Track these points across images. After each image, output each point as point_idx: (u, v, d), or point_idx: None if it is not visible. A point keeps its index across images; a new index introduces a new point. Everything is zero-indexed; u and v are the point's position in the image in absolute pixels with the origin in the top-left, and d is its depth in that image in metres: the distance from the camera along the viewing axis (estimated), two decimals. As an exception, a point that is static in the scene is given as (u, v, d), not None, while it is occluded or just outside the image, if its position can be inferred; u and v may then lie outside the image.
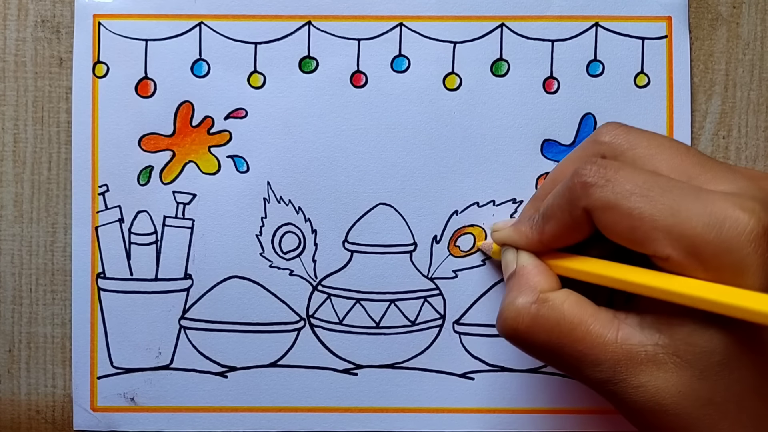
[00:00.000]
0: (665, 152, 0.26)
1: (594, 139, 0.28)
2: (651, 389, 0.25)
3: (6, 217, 0.35)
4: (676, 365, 0.24)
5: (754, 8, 0.35)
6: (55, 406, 0.35)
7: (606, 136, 0.27)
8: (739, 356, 0.24)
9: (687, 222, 0.23)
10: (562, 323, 0.27)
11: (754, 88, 0.35)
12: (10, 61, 0.35)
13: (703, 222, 0.23)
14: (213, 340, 0.35)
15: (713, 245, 0.23)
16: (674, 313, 0.25)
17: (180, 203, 0.35)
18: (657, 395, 0.25)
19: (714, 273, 0.23)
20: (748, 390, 0.24)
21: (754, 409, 0.24)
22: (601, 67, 0.35)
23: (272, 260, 0.35)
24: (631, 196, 0.24)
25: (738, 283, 0.23)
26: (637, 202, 0.24)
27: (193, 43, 0.35)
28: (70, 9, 0.35)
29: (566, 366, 0.27)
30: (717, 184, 0.25)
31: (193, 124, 0.35)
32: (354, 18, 0.35)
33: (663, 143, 0.27)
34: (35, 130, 0.35)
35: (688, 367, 0.24)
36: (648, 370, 0.25)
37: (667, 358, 0.25)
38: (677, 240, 0.23)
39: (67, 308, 0.35)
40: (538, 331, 0.27)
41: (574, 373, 0.27)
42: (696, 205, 0.23)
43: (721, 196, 0.24)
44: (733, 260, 0.23)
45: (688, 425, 0.24)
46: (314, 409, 0.35)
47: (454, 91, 0.35)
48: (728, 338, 0.24)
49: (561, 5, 0.35)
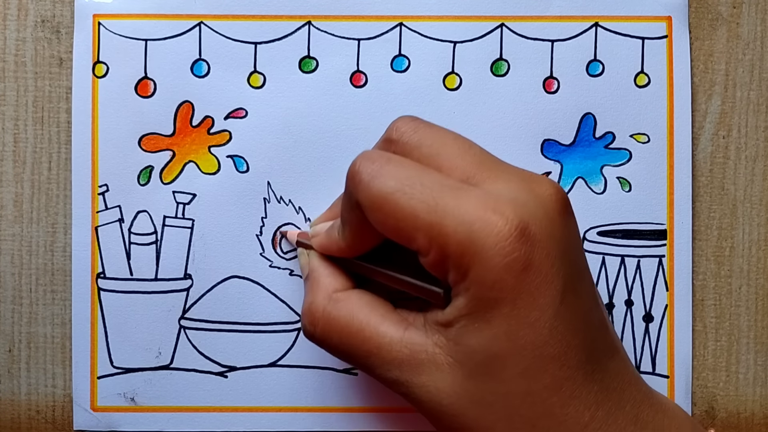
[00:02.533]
0: (448, 150, 0.26)
1: (386, 137, 0.28)
2: (432, 389, 0.25)
3: (6, 217, 0.35)
4: (450, 365, 0.25)
5: (754, 8, 0.35)
6: (55, 406, 0.35)
7: (395, 134, 0.27)
8: (502, 357, 0.24)
9: (442, 220, 0.23)
10: (352, 323, 0.27)
11: (754, 88, 0.35)
12: (10, 61, 0.35)
13: (457, 221, 0.23)
14: (213, 340, 0.35)
15: (462, 245, 0.23)
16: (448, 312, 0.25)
17: (180, 203, 0.35)
18: (437, 395, 0.25)
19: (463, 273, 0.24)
20: (516, 393, 0.24)
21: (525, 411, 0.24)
22: (601, 66, 0.35)
23: (272, 260, 0.35)
24: (394, 193, 0.24)
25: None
26: (399, 199, 0.24)
27: (193, 43, 0.35)
28: (70, 9, 0.35)
29: (361, 366, 0.27)
30: (491, 183, 0.25)
31: (193, 124, 0.35)
32: (354, 18, 0.35)
33: (447, 141, 0.26)
34: (35, 130, 0.35)
35: (459, 367, 0.24)
36: (428, 371, 0.25)
37: (443, 358, 0.25)
38: (434, 238, 0.24)
39: (67, 308, 0.35)
40: (332, 331, 0.27)
41: (370, 373, 0.27)
42: (453, 204, 0.24)
43: (478, 196, 0.24)
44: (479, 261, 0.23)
45: (467, 426, 0.25)
46: (314, 409, 0.35)
47: (454, 91, 0.35)
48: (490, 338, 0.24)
49: (561, 5, 0.35)
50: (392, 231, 0.25)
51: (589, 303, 0.25)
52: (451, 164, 0.26)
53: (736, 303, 0.35)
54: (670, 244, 0.35)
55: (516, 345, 0.24)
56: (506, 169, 0.26)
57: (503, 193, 0.24)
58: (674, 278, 0.35)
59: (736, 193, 0.35)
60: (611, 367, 0.25)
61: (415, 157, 0.26)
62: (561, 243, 0.24)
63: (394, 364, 0.26)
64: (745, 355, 0.35)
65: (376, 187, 0.25)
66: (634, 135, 0.35)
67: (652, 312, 0.35)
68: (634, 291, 0.35)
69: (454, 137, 0.27)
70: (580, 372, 0.24)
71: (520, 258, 0.23)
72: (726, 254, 0.35)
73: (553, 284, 0.24)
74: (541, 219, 0.24)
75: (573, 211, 0.26)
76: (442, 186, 0.24)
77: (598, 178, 0.35)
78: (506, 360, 0.24)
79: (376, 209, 0.25)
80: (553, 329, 0.24)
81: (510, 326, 0.23)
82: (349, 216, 0.27)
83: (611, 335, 0.26)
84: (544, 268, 0.23)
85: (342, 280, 0.29)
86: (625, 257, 0.35)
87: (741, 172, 0.35)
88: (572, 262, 0.25)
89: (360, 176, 0.25)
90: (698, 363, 0.35)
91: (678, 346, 0.35)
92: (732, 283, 0.35)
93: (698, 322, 0.35)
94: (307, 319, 0.28)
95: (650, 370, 0.35)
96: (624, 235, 0.35)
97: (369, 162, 0.25)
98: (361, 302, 0.27)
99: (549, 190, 0.25)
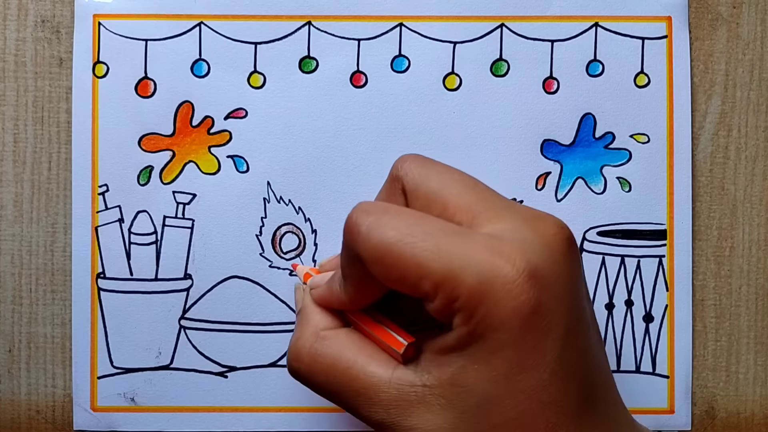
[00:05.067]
0: (453, 188, 0.26)
1: (392, 175, 0.28)
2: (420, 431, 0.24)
3: (6, 217, 0.35)
4: (441, 406, 0.24)
5: (754, 8, 0.35)
6: (55, 406, 0.35)
7: (401, 171, 0.27)
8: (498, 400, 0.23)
9: (449, 265, 0.23)
10: (338, 362, 0.26)
11: (754, 88, 0.35)
12: (10, 61, 0.35)
13: (464, 264, 0.23)
14: (213, 340, 0.35)
15: (471, 288, 0.23)
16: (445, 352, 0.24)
17: (180, 203, 0.35)
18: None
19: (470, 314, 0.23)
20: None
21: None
22: (600, 67, 0.35)
23: (272, 260, 0.35)
24: (396, 244, 0.24)
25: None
26: (402, 248, 0.24)
27: (193, 43, 0.35)
28: (70, 9, 0.35)
29: (346, 405, 0.27)
30: (495, 222, 0.25)
31: (193, 124, 0.35)
32: (354, 18, 0.35)
33: (452, 178, 0.26)
34: (35, 130, 0.35)
35: (450, 408, 0.24)
36: (418, 412, 0.24)
37: (434, 399, 0.24)
38: (440, 284, 0.23)
39: (67, 308, 0.35)
40: (317, 369, 0.27)
41: (354, 413, 0.27)
42: (459, 248, 0.23)
43: (484, 239, 0.24)
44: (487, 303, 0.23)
45: None
46: (314, 409, 0.35)
47: (454, 91, 0.35)
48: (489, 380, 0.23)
49: (561, 5, 0.35)
50: (397, 281, 0.24)
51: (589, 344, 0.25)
52: (457, 202, 0.26)
53: (736, 303, 0.35)
54: (670, 244, 0.35)
55: (514, 389, 0.23)
56: (510, 208, 0.26)
57: (508, 234, 0.24)
58: (674, 278, 0.35)
59: (736, 193, 0.35)
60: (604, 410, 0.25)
61: (422, 192, 0.26)
62: (566, 284, 0.24)
63: (382, 405, 0.25)
64: (745, 355, 0.35)
65: (376, 238, 0.24)
66: (634, 135, 0.35)
67: (652, 312, 0.35)
68: (634, 291, 0.35)
69: (459, 174, 0.27)
70: (574, 419, 0.23)
71: (529, 301, 0.23)
72: (726, 254, 0.35)
73: (558, 328, 0.23)
74: (547, 260, 0.23)
75: (577, 249, 0.25)
76: (444, 232, 0.24)
77: (598, 178, 0.35)
78: (502, 403, 0.23)
79: (378, 261, 0.24)
80: (552, 374, 0.23)
81: (510, 369, 0.23)
82: (350, 271, 0.26)
83: (607, 374, 0.26)
84: (550, 312, 0.23)
85: (332, 318, 0.28)
86: (625, 257, 0.35)
87: (741, 172, 0.35)
88: (577, 302, 0.24)
89: (358, 228, 0.25)
90: (698, 363, 0.35)
91: (678, 346, 0.35)
92: (732, 283, 0.35)
93: (698, 322, 0.35)
94: (293, 355, 0.28)
95: (650, 370, 0.35)
96: (624, 235, 0.35)
97: (365, 214, 0.25)
98: (350, 341, 0.27)
99: (553, 229, 0.25)
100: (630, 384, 0.35)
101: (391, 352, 0.26)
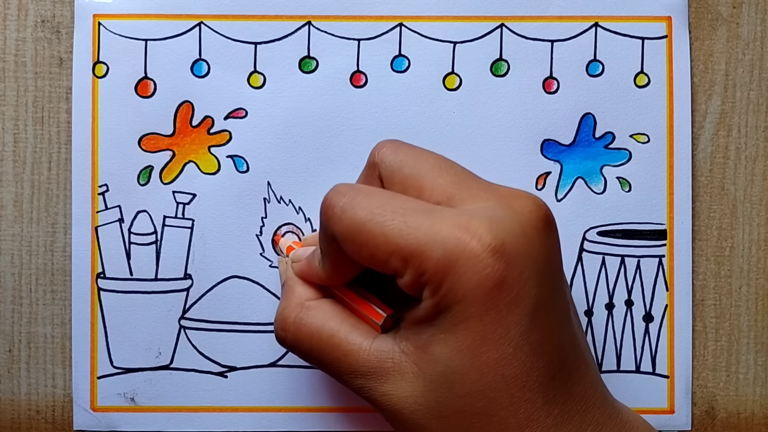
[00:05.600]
0: (429, 171, 0.27)
1: (369, 162, 0.28)
2: (394, 398, 0.25)
3: (6, 217, 0.35)
4: (414, 374, 0.25)
5: (754, 8, 0.35)
6: (55, 406, 0.35)
7: (377, 157, 0.28)
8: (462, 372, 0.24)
9: (416, 240, 0.24)
10: (322, 330, 0.27)
11: (754, 88, 0.35)
12: (10, 61, 0.35)
13: (430, 240, 0.23)
14: (213, 340, 0.35)
15: (437, 262, 0.23)
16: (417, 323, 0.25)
17: (180, 203, 0.35)
18: (399, 404, 0.25)
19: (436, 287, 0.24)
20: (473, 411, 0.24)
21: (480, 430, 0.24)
22: (600, 67, 0.35)
23: (272, 260, 0.35)
24: (366, 223, 0.25)
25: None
26: (372, 227, 0.24)
27: (193, 43, 0.35)
28: (70, 9, 0.35)
29: (330, 372, 0.28)
30: (470, 202, 0.25)
31: (193, 124, 0.35)
32: (354, 18, 0.35)
33: (428, 162, 0.27)
34: (35, 130, 0.35)
35: (421, 376, 0.25)
36: (393, 379, 0.25)
37: (408, 366, 0.25)
38: (408, 258, 0.24)
39: (67, 308, 0.35)
40: (302, 337, 0.28)
41: (338, 379, 0.27)
42: (426, 225, 0.24)
43: (452, 216, 0.24)
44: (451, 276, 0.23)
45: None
46: (314, 409, 0.35)
47: (454, 91, 0.35)
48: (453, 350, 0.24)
49: (561, 5, 0.35)
50: (368, 259, 0.25)
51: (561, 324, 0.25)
52: (432, 184, 0.26)
53: (736, 303, 0.35)
54: (670, 244, 0.35)
55: (477, 361, 0.24)
56: (486, 188, 0.26)
57: (479, 211, 0.24)
58: (674, 278, 0.35)
59: (736, 193, 0.35)
60: (576, 389, 0.25)
61: (398, 178, 0.27)
62: (537, 260, 0.24)
63: (361, 371, 0.26)
64: (745, 355, 0.35)
65: (349, 218, 0.25)
66: (634, 135, 0.35)
67: (652, 312, 0.35)
68: (634, 291, 0.35)
69: (435, 157, 0.27)
70: (540, 394, 0.24)
71: (492, 275, 0.23)
72: (726, 254, 0.35)
73: (524, 303, 0.24)
74: (517, 236, 0.24)
75: (555, 227, 0.26)
76: (413, 210, 0.25)
77: (598, 178, 0.35)
78: (466, 375, 0.24)
79: (351, 240, 0.25)
80: (517, 348, 0.23)
81: (474, 341, 0.23)
82: (326, 249, 0.27)
83: (582, 356, 0.26)
84: (516, 286, 0.23)
85: (315, 290, 0.29)
86: (625, 257, 0.35)
87: (741, 172, 0.35)
88: (548, 279, 0.24)
89: (333, 210, 0.26)
90: (698, 363, 0.35)
91: (678, 346, 0.35)
92: (732, 283, 0.35)
93: (698, 322, 0.35)
94: (279, 324, 0.29)
95: (650, 370, 0.35)
96: (624, 235, 0.35)
97: (340, 195, 0.26)
98: (333, 311, 0.28)
99: (528, 207, 0.25)
100: (630, 384, 0.35)
101: (371, 323, 0.27)
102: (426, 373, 0.24)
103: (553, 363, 0.24)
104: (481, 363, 0.24)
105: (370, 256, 0.25)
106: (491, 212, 0.24)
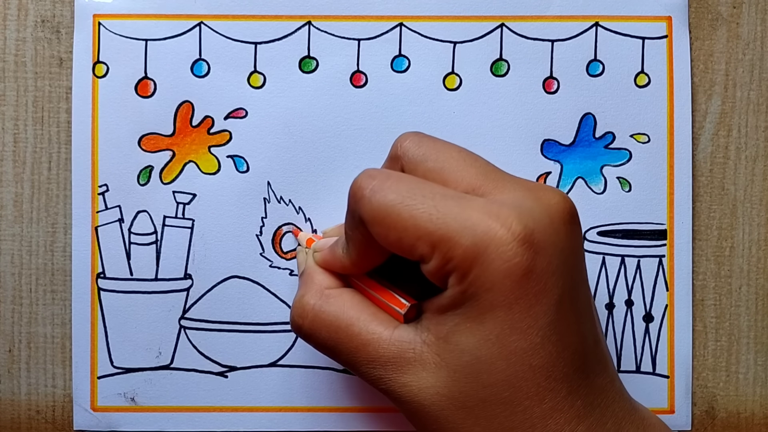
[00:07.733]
0: (453, 164, 0.26)
1: (391, 155, 0.28)
2: (414, 389, 0.25)
3: (6, 217, 0.35)
4: (436, 364, 0.25)
5: (754, 8, 0.35)
6: (55, 406, 0.35)
7: (399, 150, 0.28)
8: (489, 361, 0.24)
9: (446, 226, 0.24)
10: (341, 319, 0.27)
11: (754, 88, 0.35)
12: (10, 61, 0.35)
13: (460, 226, 0.23)
14: (213, 340, 0.35)
15: (466, 249, 0.23)
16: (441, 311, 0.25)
17: (180, 203, 0.35)
18: (419, 395, 0.25)
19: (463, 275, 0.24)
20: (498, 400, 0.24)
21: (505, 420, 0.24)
22: (601, 66, 0.35)
23: (272, 260, 0.35)
24: (395, 206, 0.24)
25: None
26: (401, 210, 0.24)
27: (193, 43, 0.35)
28: (70, 9, 0.35)
29: (346, 362, 0.27)
30: (497, 193, 0.25)
31: (193, 124, 0.35)
32: (354, 18, 0.35)
33: (451, 155, 0.27)
34: (35, 130, 0.35)
35: (444, 366, 0.24)
36: (413, 369, 0.25)
37: (430, 356, 0.25)
38: (436, 244, 0.24)
39: (67, 308, 0.35)
40: (320, 326, 0.28)
41: (354, 370, 0.27)
42: (456, 211, 0.24)
43: (482, 204, 0.24)
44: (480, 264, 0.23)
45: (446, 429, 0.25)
46: (314, 409, 0.35)
47: (454, 91, 0.35)
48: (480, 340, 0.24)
49: (561, 5, 0.35)
50: (395, 243, 0.25)
51: (584, 316, 0.25)
52: (456, 177, 0.26)
53: (736, 303, 0.35)
54: (670, 244, 0.35)
55: (505, 350, 0.23)
56: (512, 180, 0.26)
57: (508, 201, 0.24)
58: (674, 278, 0.35)
59: (736, 193, 0.35)
60: (597, 383, 0.25)
61: (421, 171, 0.27)
62: (564, 253, 0.24)
63: (380, 362, 0.26)
64: (745, 355, 0.35)
65: (377, 201, 0.25)
66: (634, 135, 0.35)
67: (652, 312, 0.35)
68: (634, 291, 0.35)
69: (459, 150, 0.27)
70: (564, 384, 0.24)
71: (522, 264, 0.23)
72: (726, 254, 0.35)
73: (552, 293, 0.23)
74: (545, 227, 0.24)
75: (579, 221, 0.26)
76: (444, 196, 0.24)
77: (598, 178, 0.35)
78: (493, 365, 0.24)
79: (378, 223, 0.25)
80: (545, 338, 0.23)
81: (502, 330, 0.23)
82: (353, 233, 0.27)
83: (602, 351, 0.26)
84: (544, 277, 0.23)
85: (334, 279, 0.29)
86: (625, 257, 0.35)
87: (741, 172, 0.35)
88: (573, 271, 0.25)
89: (362, 192, 0.25)
90: (698, 363, 0.35)
91: (678, 346, 0.35)
92: (732, 283, 0.35)
93: (698, 322, 0.35)
94: (297, 311, 0.28)
95: (650, 370, 0.35)
96: (624, 235, 0.35)
97: (370, 179, 0.25)
98: (353, 300, 0.28)
99: (555, 198, 0.25)
100: (630, 384, 0.35)
101: (393, 312, 0.27)
102: (450, 363, 0.24)
103: (577, 354, 0.24)
104: (509, 352, 0.23)
105: (397, 240, 0.25)
106: (520, 202, 0.24)
